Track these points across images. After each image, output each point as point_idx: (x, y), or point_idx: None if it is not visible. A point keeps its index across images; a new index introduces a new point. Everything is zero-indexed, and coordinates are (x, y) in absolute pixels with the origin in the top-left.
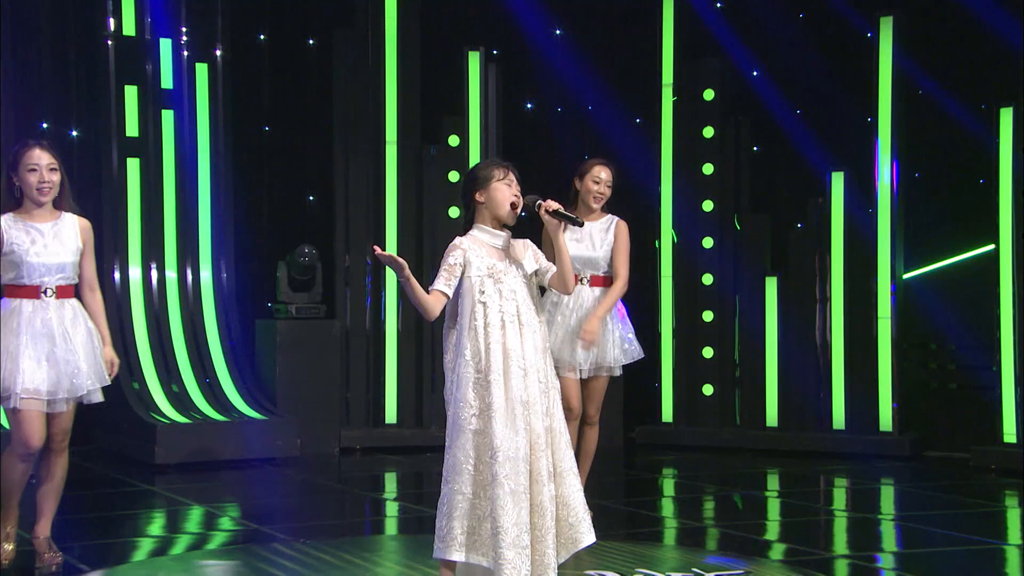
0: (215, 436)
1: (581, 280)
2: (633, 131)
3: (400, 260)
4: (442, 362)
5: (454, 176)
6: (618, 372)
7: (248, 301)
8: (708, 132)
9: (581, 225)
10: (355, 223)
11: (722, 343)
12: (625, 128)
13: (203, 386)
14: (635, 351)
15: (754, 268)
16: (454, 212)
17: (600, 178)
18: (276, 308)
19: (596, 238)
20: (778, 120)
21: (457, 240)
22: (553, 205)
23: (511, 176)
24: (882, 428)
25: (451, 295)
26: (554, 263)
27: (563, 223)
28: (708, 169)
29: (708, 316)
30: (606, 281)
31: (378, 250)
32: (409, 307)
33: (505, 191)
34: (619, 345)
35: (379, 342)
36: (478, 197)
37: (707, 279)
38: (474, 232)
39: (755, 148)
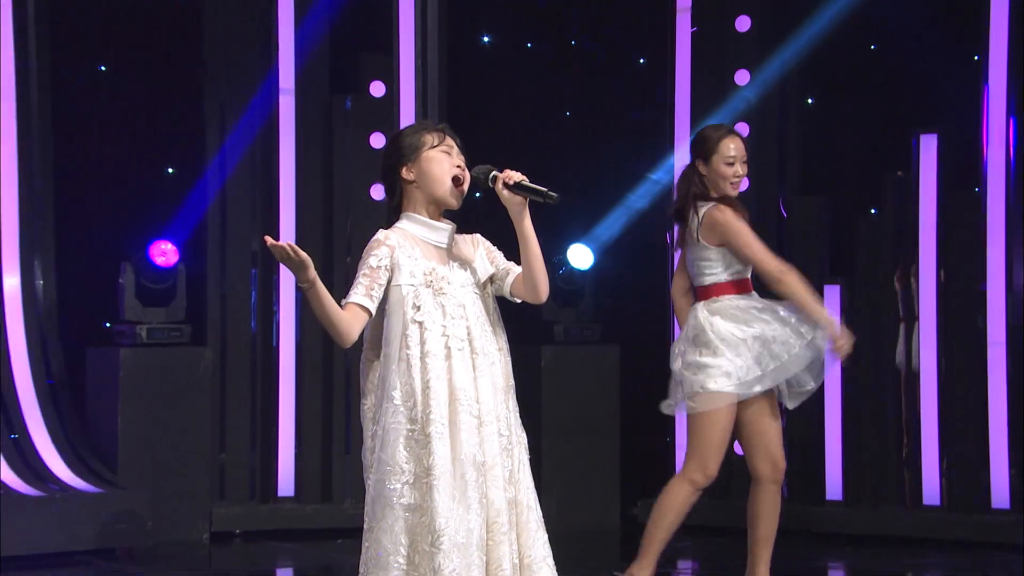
0: (23, 518)
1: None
2: (634, 76)
3: (302, 255)
4: (359, 409)
5: (378, 140)
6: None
7: (76, 320)
8: (741, 76)
9: (556, 201)
10: (235, 207)
11: None
12: (623, 72)
13: (5, 445)
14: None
15: (806, 271)
16: (379, 191)
17: (734, 154)
18: (118, 330)
19: None
20: (841, 60)
21: (380, 235)
22: (515, 176)
23: (449, 141)
24: (994, 504)
25: (374, 311)
26: (519, 263)
27: (527, 199)
28: (742, 129)
29: None
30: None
31: (270, 241)
32: (314, 328)
33: (443, 162)
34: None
35: (269, 379)
36: (405, 174)
37: None
38: (403, 224)
39: (808, 100)
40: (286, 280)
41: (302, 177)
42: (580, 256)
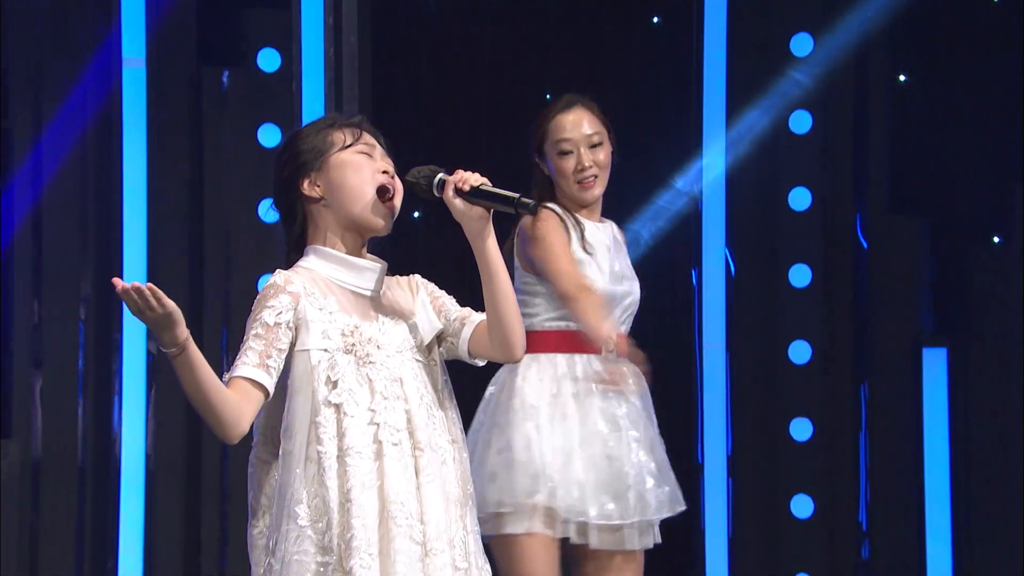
0: None
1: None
2: (647, 41)
3: (168, 304)
4: (245, 534)
5: (270, 134)
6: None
7: None
8: (800, 43)
9: (534, 211)
10: (54, 232)
11: (832, 479)
12: (630, 35)
13: None
14: (675, 495)
15: (897, 326)
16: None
17: (568, 136)
18: None
19: (623, 257)
20: (949, 17)
21: (278, 277)
22: (471, 179)
23: (369, 139)
24: None
25: (271, 388)
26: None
27: (491, 210)
28: (801, 122)
29: (801, 428)
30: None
31: (120, 284)
32: (176, 413)
33: (361, 167)
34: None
35: (105, 487)
36: (308, 189)
37: (797, 349)
38: (310, 262)
39: (900, 77)
40: (134, 340)
41: (157, 189)
42: None
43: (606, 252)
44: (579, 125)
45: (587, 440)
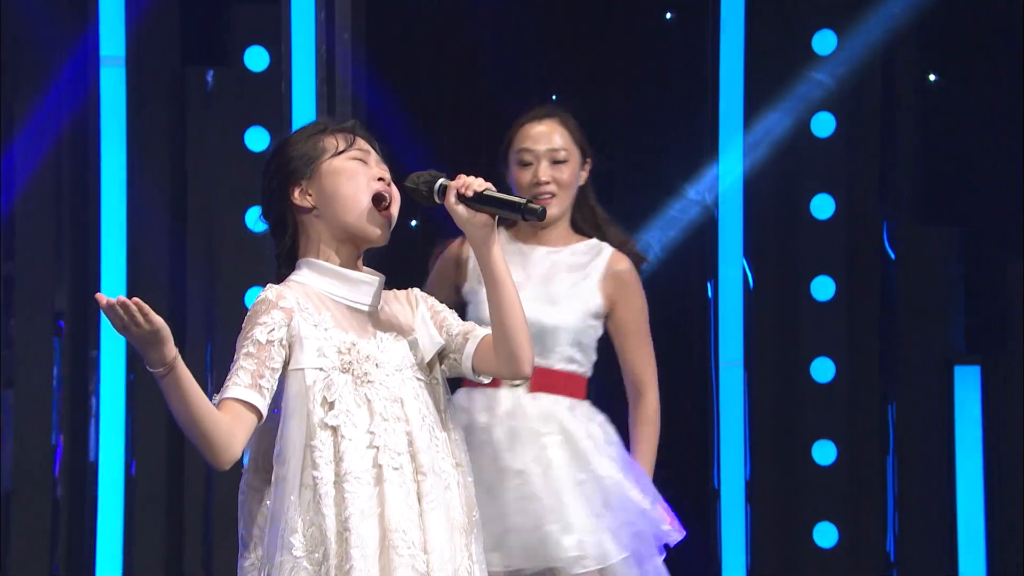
0: None
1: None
2: (659, 37)
3: (155, 320)
4: (235, 565)
5: (258, 138)
6: None
7: None
8: (824, 42)
9: (542, 217)
10: (27, 244)
11: (857, 505)
12: (642, 30)
13: None
14: (659, 530)
15: (926, 343)
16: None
17: (539, 146)
18: None
19: (561, 282)
20: (974, 23)
21: (270, 292)
22: (476, 184)
23: (363, 144)
24: None
25: (265, 410)
26: (476, 320)
27: (495, 217)
28: (824, 125)
29: (824, 451)
30: (570, 384)
31: (104, 300)
32: (157, 437)
33: (356, 175)
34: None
35: (80, 518)
36: (300, 198)
37: (820, 367)
38: (303, 276)
39: (930, 76)
40: (112, 358)
41: (137, 197)
42: None
43: (538, 281)
44: (545, 137)
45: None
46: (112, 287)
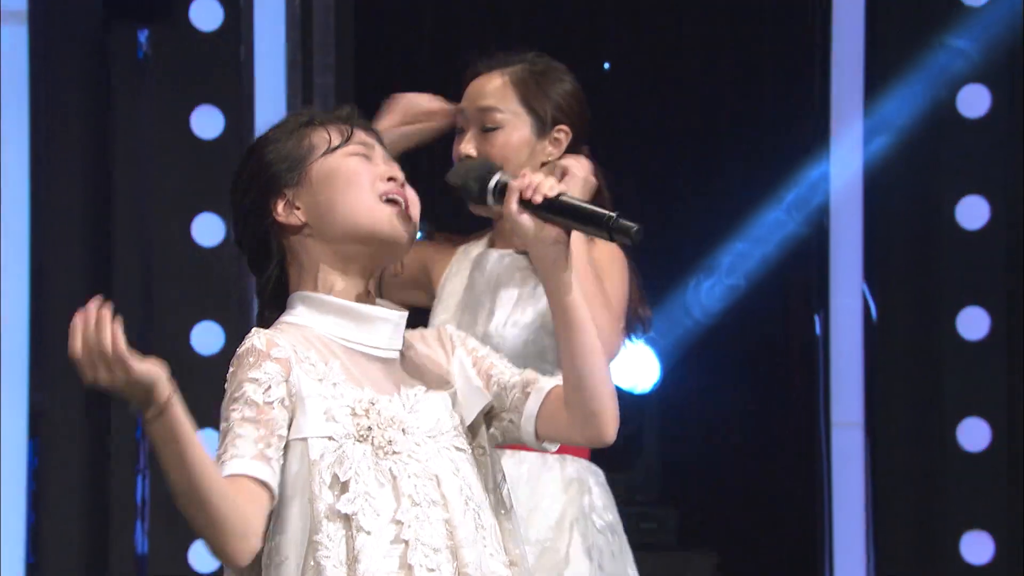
0: None
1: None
2: None
3: (138, 369)
4: None
5: (209, 122)
6: None
7: None
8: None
9: (636, 239)
10: None
11: None
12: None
13: None
14: None
15: None
16: (217, 229)
17: (468, 107)
18: None
19: (529, 299)
20: None
21: (256, 339)
22: (547, 187)
23: (365, 136)
24: None
25: (276, 490)
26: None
27: (571, 233)
28: (974, 103)
29: (978, 545)
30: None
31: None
32: (74, 505)
33: (359, 173)
34: None
35: None
36: (285, 213)
37: (970, 430)
38: (298, 316)
39: None
40: (13, 393)
41: (45, 197)
42: (638, 368)
43: (494, 289)
44: (475, 95)
45: None
46: (9, 315)
